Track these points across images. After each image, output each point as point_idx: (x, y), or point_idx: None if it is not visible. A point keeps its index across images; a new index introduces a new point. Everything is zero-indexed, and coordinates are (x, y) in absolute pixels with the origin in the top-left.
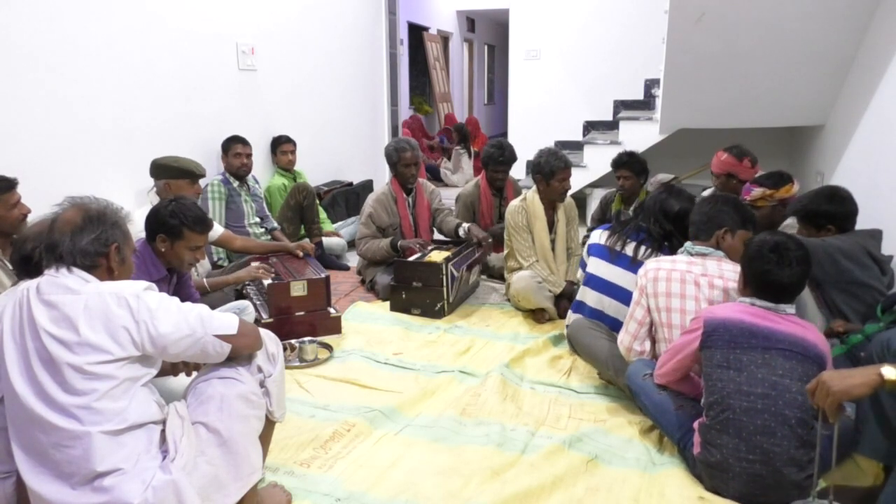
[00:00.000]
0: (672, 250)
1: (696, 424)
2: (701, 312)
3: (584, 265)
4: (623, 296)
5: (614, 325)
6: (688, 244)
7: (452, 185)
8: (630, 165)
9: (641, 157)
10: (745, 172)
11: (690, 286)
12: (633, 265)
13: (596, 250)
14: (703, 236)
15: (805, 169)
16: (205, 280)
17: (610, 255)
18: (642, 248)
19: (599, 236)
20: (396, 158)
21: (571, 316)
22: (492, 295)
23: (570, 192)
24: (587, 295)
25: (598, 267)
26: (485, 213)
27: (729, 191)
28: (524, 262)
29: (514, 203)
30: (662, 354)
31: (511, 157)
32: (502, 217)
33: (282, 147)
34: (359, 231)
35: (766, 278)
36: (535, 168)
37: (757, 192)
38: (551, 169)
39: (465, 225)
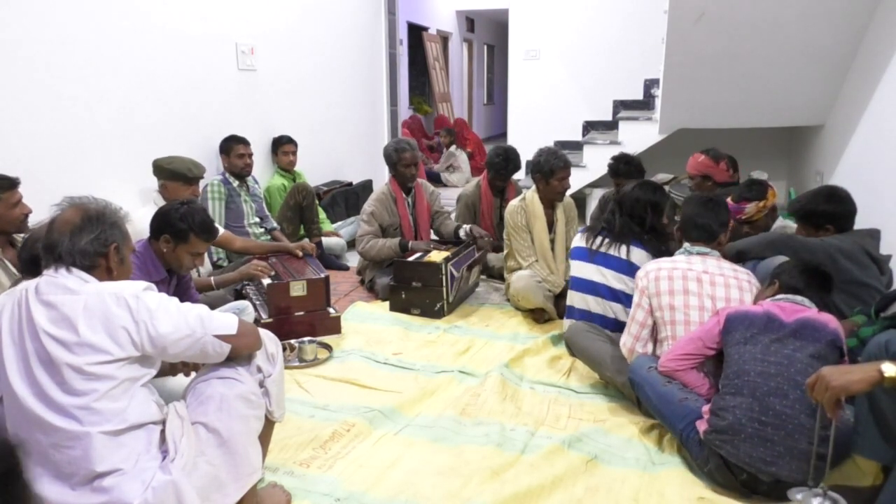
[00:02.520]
0: (643, 243)
1: (705, 409)
2: (722, 309)
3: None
4: (602, 291)
5: (603, 323)
6: (686, 245)
7: (453, 185)
8: (628, 174)
9: (637, 159)
10: (721, 175)
11: (693, 283)
12: (606, 263)
13: (576, 253)
14: (707, 237)
15: (805, 169)
16: (211, 279)
17: (588, 254)
18: (605, 241)
19: (578, 239)
20: (396, 158)
21: (566, 322)
22: (492, 295)
23: (569, 192)
24: (574, 299)
25: (578, 269)
26: (485, 213)
27: (704, 191)
28: (523, 262)
29: (514, 203)
30: (677, 342)
31: (515, 168)
32: (503, 218)
33: (283, 148)
34: (360, 228)
35: (797, 291)
36: (534, 167)
37: (751, 207)
38: (551, 168)
39: (466, 226)
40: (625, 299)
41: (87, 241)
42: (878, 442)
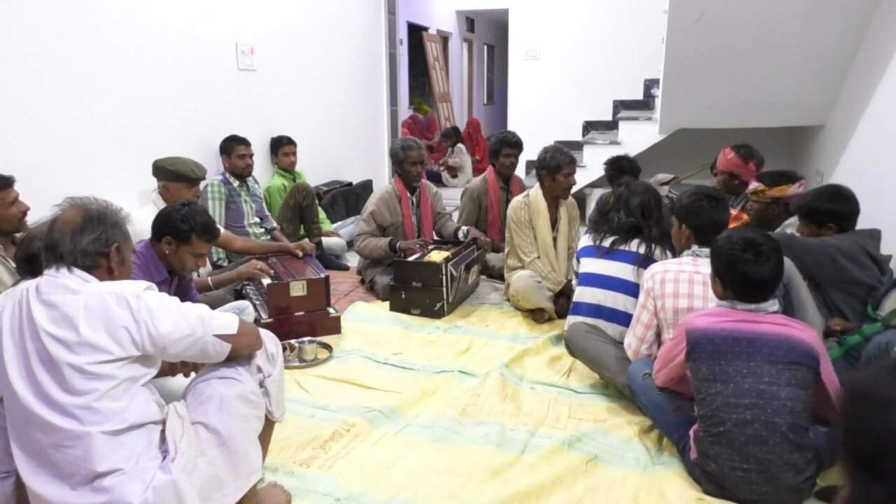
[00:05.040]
0: (650, 242)
1: (691, 432)
2: (681, 323)
3: (576, 272)
4: (618, 285)
5: (612, 317)
6: (695, 247)
7: (453, 186)
8: (631, 172)
9: (633, 160)
10: (749, 175)
11: (698, 286)
12: (615, 256)
13: (584, 252)
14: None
15: (805, 169)
16: (209, 279)
17: (597, 251)
18: (614, 240)
19: (586, 239)
20: (403, 156)
21: (570, 319)
22: (491, 295)
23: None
24: (584, 293)
25: (590, 265)
26: (493, 204)
27: (730, 190)
28: (525, 257)
29: (517, 199)
30: (657, 360)
31: (521, 141)
32: None
33: (283, 149)
34: (358, 227)
35: (746, 278)
36: (540, 164)
37: (753, 185)
38: (557, 164)
39: (464, 228)
40: (637, 291)
41: (88, 241)
42: None
